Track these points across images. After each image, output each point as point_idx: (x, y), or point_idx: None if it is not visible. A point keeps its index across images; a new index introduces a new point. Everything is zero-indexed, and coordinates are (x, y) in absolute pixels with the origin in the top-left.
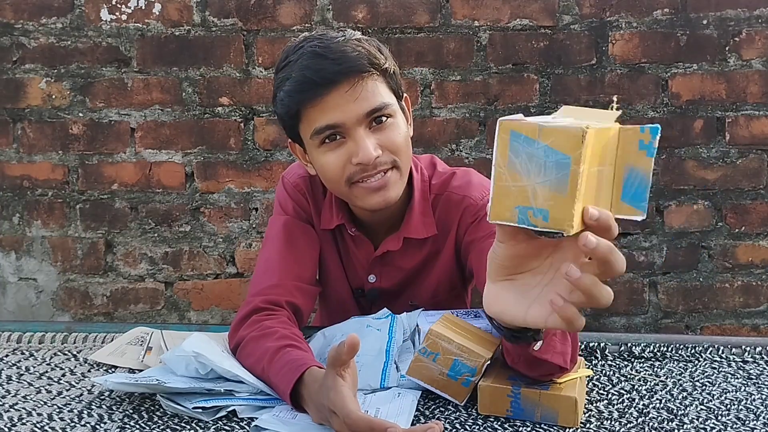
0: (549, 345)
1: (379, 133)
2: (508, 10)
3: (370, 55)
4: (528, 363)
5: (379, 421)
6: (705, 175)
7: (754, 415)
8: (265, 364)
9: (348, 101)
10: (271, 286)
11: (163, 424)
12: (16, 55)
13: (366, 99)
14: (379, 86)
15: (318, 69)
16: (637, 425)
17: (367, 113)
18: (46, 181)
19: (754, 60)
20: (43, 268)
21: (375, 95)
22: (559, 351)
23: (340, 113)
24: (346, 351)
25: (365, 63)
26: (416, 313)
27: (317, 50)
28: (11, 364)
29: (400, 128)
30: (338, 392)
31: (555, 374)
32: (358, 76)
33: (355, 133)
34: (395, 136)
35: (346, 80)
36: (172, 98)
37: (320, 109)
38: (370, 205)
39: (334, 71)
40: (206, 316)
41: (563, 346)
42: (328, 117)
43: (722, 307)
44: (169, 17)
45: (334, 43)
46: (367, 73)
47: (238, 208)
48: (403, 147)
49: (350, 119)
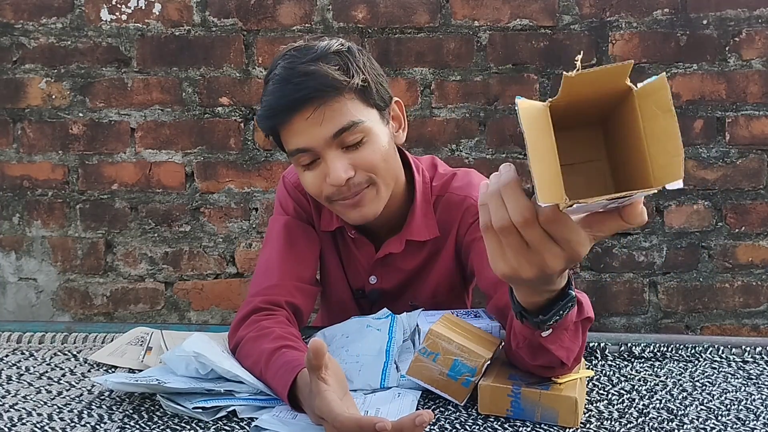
0: (557, 337)
1: (353, 152)
2: (508, 10)
3: (337, 75)
4: (532, 349)
5: (367, 419)
6: (705, 175)
7: (754, 415)
8: (263, 366)
9: (312, 125)
10: (270, 286)
11: (163, 424)
12: (16, 55)
13: (331, 120)
14: (348, 105)
15: (281, 95)
16: (637, 425)
17: (333, 135)
18: (46, 181)
19: (754, 60)
20: (43, 268)
21: (342, 115)
22: (565, 346)
23: (307, 137)
24: (312, 356)
25: (329, 84)
26: (416, 313)
27: (282, 74)
28: (11, 364)
29: (375, 145)
30: (322, 398)
31: (555, 368)
32: (320, 100)
33: (326, 155)
34: (369, 155)
35: (308, 106)
36: (172, 98)
37: (289, 132)
38: (350, 221)
39: (295, 98)
40: (206, 316)
41: (571, 343)
42: (296, 141)
43: (722, 307)
44: (169, 17)
45: (301, 64)
46: (332, 94)
47: (238, 208)
48: (379, 164)
49: (317, 143)
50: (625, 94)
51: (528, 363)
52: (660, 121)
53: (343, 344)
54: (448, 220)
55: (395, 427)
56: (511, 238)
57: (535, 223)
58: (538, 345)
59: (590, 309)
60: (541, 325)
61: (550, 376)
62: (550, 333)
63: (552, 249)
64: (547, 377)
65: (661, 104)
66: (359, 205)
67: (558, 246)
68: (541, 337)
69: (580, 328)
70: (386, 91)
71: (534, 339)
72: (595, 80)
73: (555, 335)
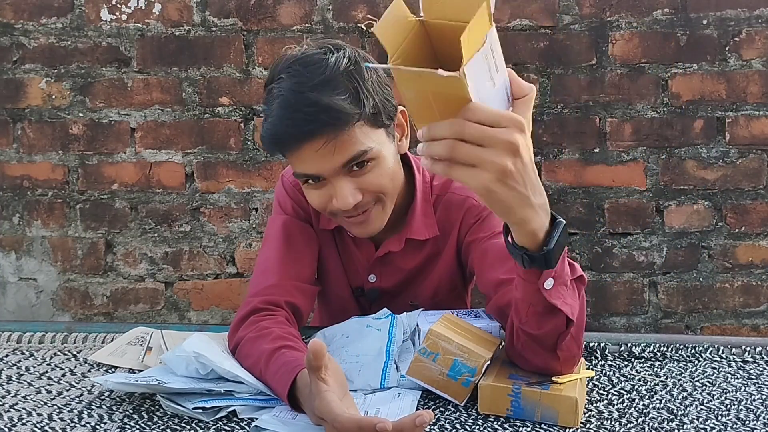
0: (559, 292)
1: (361, 177)
2: (508, 10)
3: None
4: (536, 316)
5: (367, 419)
6: (705, 175)
7: (754, 415)
8: (262, 366)
9: (323, 155)
10: (270, 286)
11: (163, 424)
12: (16, 55)
13: (343, 151)
14: (357, 133)
15: (289, 124)
16: (637, 425)
17: (344, 164)
18: (46, 181)
19: (754, 60)
20: (43, 268)
21: (353, 144)
22: (568, 302)
23: (316, 165)
24: (312, 357)
25: (341, 118)
26: (416, 313)
27: (290, 98)
28: (11, 364)
29: (382, 168)
30: (322, 399)
31: (561, 334)
32: (331, 134)
33: (334, 180)
34: (376, 179)
35: (318, 138)
36: (172, 98)
37: (297, 158)
38: (355, 234)
39: (305, 130)
40: (206, 316)
41: (572, 300)
42: (304, 167)
43: (722, 307)
44: (169, 17)
45: (310, 91)
46: (343, 131)
47: (238, 208)
48: (386, 185)
49: (327, 171)
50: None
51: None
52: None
53: (343, 344)
54: (449, 219)
55: (395, 427)
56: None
57: (464, 125)
58: (543, 306)
59: (580, 269)
60: (547, 258)
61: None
62: (552, 286)
63: (495, 134)
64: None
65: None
66: (364, 222)
67: (497, 130)
68: (546, 291)
69: (575, 287)
70: (392, 104)
71: (538, 301)
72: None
73: (556, 289)
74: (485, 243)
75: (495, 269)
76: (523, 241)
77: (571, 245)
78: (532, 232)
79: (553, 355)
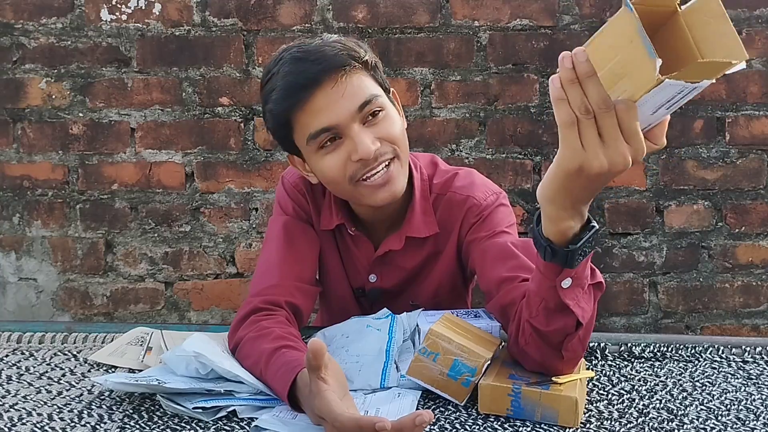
0: (574, 293)
1: (374, 126)
2: (508, 10)
3: (348, 50)
4: (547, 312)
5: (367, 419)
6: (705, 175)
7: (754, 415)
8: (262, 366)
9: (336, 99)
10: (270, 286)
11: (163, 424)
12: (16, 55)
13: (354, 94)
14: (364, 79)
15: (300, 71)
16: (637, 425)
17: (358, 108)
18: (46, 181)
19: (754, 60)
20: (43, 268)
21: (362, 89)
22: (582, 305)
23: (331, 113)
24: (312, 357)
25: (345, 57)
26: (416, 313)
27: (296, 55)
28: (11, 364)
29: (394, 119)
30: (322, 398)
31: (569, 335)
32: (341, 71)
33: (350, 130)
34: (390, 127)
35: (330, 77)
36: (172, 98)
37: (310, 112)
38: (377, 201)
39: (317, 70)
40: (206, 316)
41: (586, 304)
42: (319, 120)
43: (722, 307)
44: (169, 17)
45: (312, 47)
46: (349, 67)
47: (238, 208)
48: (400, 137)
49: (343, 117)
50: (669, 15)
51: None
52: (712, 26)
53: (343, 344)
54: (450, 219)
55: (395, 427)
56: (588, 129)
57: (612, 110)
58: (556, 303)
59: (600, 276)
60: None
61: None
62: (570, 286)
63: (620, 144)
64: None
65: (713, 12)
66: (389, 182)
67: (625, 143)
68: (561, 289)
69: (592, 293)
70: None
71: (551, 297)
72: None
73: (573, 290)
74: (486, 242)
75: (496, 267)
76: (551, 234)
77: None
78: (564, 230)
79: (557, 354)
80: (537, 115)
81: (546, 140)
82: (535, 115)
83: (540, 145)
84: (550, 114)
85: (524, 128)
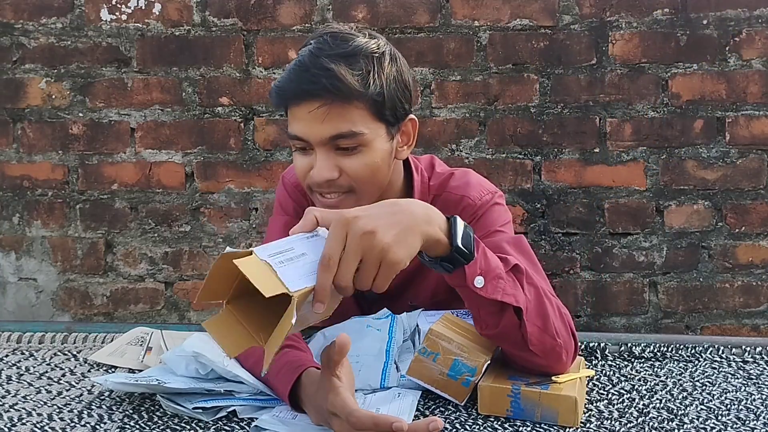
0: (495, 286)
1: (344, 157)
2: (508, 10)
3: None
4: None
5: (384, 417)
6: (705, 175)
7: (754, 414)
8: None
9: (313, 120)
10: None
11: (163, 424)
12: (16, 55)
13: (332, 123)
14: (354, 113)
15: (295, 80)
16: (637, 425)
17: (330, 137)
18: (46, 181)
19: (754, 60)
20: (43, 268)
21: (344, 122)
22: (510, 293)
23: (305, 128)
24: (336, 351)
25: (341, 90)
26: (416, 313)
27: (305, 59)
28: (11, 364)
29: (368, 158)
30: (337, 393)
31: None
32: (327, 100)
33: (317, 150)
34: (357, 165)
35: (314, 100)
36: (172, 98)
37: (293, 116)
38: None
39: (305, 89)
40: (206, 316)
41: (514, 290)
42: (296, 127)
43: (722, 307)
44: (169, 17)
45: (325, 56)
46: (339, 101)
47: (238, 208)
48: (364, 176)
49: (313, 137)
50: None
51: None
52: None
53: None
54: None
55: (411, 429)
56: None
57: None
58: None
59: (515, 258)
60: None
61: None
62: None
63: None
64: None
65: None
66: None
67: None
68: (479, 289)
69: (514, 278)
70: (403, 107)
71: (480, 304)
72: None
73: (492, 285)
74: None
75: None
76: (433, 252)
77: (570, 245)
78: (433, 242)
79: (529, 353)
80: (537, 115)
81: (546, 140)
82: (535, 115)
83: (540, 145)
84: (550, 114)
85: (524, 128)
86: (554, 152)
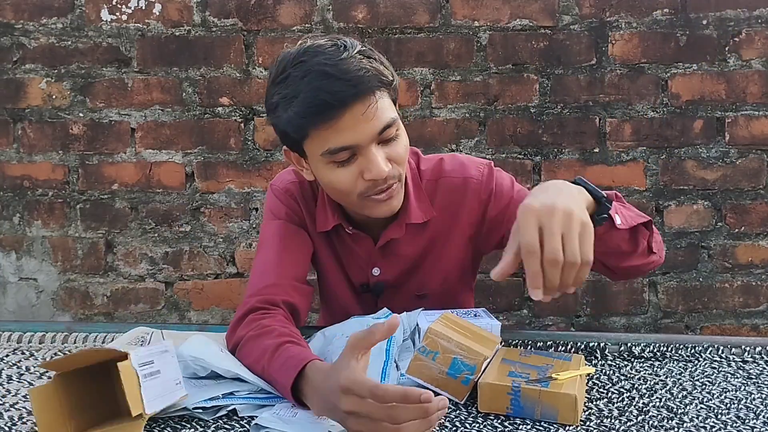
0: (625, 216)
1: (388, 147)
2: (508, 10)
3: (379, 73)
4: (627, 242)
5: (411, 389)
6: (705, 175)
7: (753, 414)
8: (265, 363)
9: (362, 122)
10: (267, 285)
11: (163, 424)
12: (16, 55)
13: (378, 118)
14: (386, 102)
15: (332, 91)
16: (636, 423)
17: (379, 131)
18: (46, 181)
19: (754, 60)
20: (44, 268)
21: (385, 112)
22: (634, 214)
23: (355, 134)
24: (386, 329)
25: (376, 83)
26: (416, 313)
27: (327, 69)
28: (11, 364)
29: (403, 140)
30: (353, 370)
31: (649, 236)
32: (372, 97)
33: (368, 150)
34: (400, 149)
35: (361, 102)
36: (172, 98)
37: (334, 130)
38: (377, 215)
39: (350, 94)
40: (206, 316)
41: (628, 211)
42: (342, 138)
43: (722, 307)
44: (169, 17)
45: (341, 61)
46: (379, 92)
47: (238, 208)
48: (404, 159)
49: (365, 139)
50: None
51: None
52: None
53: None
54: (452, 203)
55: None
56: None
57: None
58: (626, 235)
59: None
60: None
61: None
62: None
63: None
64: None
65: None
66: (390, 199)
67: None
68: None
69: (622, 203)
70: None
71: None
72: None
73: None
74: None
75: None
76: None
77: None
78: (589, 204)
79: (652, 255)
80: (537, 115)
81: (546, 140)
82: (535, 115)
83: (540, 145)
84: (550, 114)
85: (524, 128)
86: (554, 152)
